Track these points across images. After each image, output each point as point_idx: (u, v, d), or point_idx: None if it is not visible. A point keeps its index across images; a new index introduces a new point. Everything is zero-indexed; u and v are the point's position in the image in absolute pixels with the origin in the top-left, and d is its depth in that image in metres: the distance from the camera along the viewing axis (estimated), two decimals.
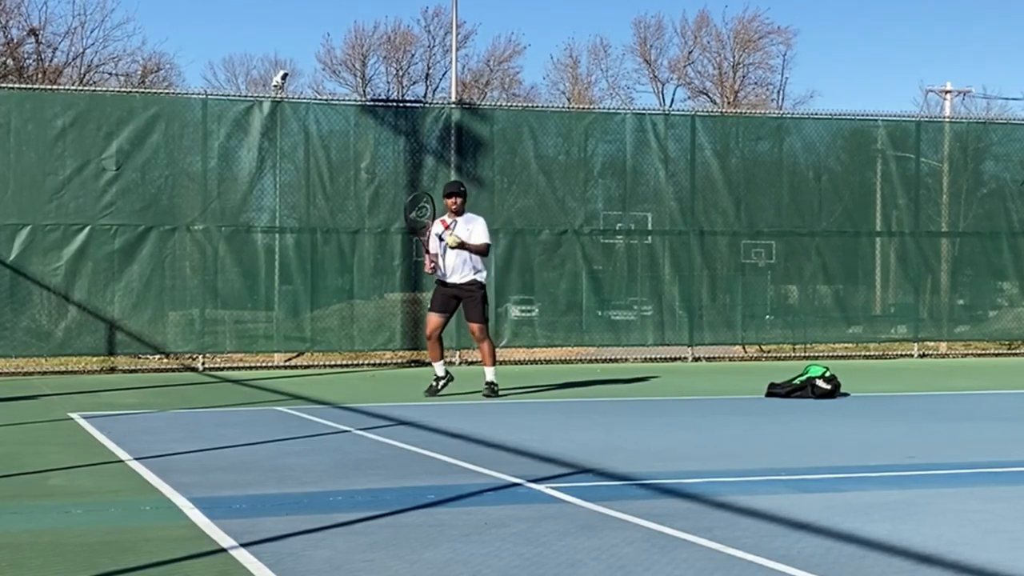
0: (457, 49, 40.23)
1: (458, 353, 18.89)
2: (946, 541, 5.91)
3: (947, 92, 45.11)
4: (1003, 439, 10.13)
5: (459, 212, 13.52)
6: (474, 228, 13.46)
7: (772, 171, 20.37)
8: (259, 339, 18.31)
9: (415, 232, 14.06)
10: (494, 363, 13.71)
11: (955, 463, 8.75)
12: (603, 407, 12.92)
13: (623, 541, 5.91)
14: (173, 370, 17.74)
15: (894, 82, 79.58)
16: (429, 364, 18.63)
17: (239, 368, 18.07)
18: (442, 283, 13.55)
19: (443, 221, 13.55)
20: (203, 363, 17.90)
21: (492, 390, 13.53)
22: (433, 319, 13.61)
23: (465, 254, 13.41)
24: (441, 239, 13.44)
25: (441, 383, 13.68)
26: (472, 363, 18.85)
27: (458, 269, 13.42)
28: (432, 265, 13.51)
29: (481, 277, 13.55)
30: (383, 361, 18.82)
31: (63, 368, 17.56)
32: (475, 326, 13.54)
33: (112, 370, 17.57)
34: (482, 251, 13.50)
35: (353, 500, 7.05)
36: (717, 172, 19.88)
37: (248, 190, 18.16)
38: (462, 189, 13.80)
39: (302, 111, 18.52)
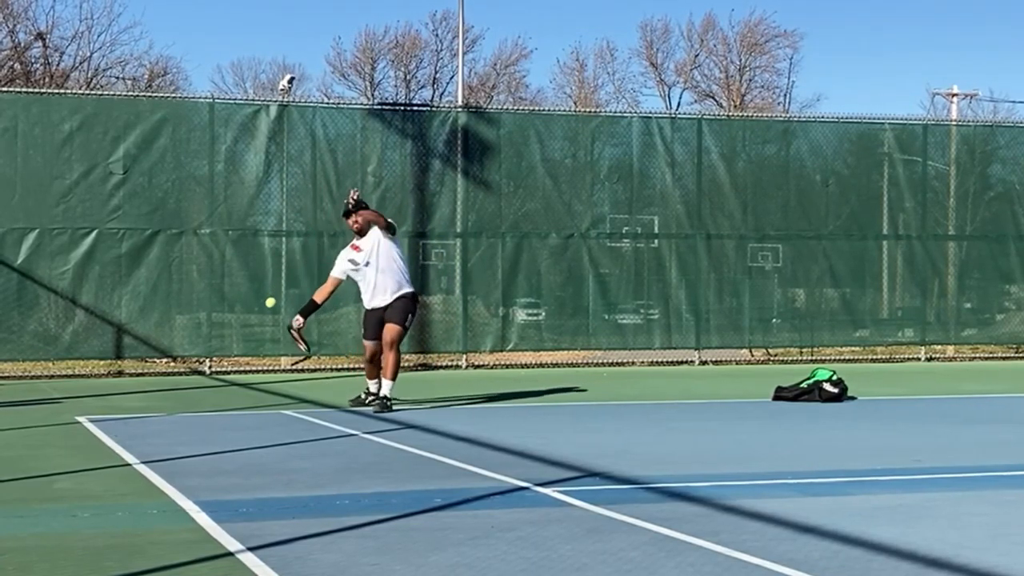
0: (464, 53, 40.23)
1: (464, 356, 18.90)
2: (953, 544, 5.90)
3: (954, 95, 45.02)
4: (1010, 442, 10.12)
5: (362, 232, 12.42)
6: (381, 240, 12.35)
7: (779, 174, 20.36)
8: (266, 343, 18.34)
9: None
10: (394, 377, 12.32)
11: (962, 466, 8.74)
12: (609, 410, 12.91)
13: (630, 545, 5.91)
14: (180, 373, 17.75)
15: (901, 85, 79.57)
16: (437, 368, 18.76)
17: (246, 371, 18.08)
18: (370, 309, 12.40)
19: (354, 246, 12.53)
20: (210, 366, 17.91)
21: (385, 405, 12.17)
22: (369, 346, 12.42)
23: (388, 274, 12.30)
24: (356, 263, 12.41)
25: (369, 398, 12.54)
26: (479, 367, 18.87)
27: (382, 291, 12.34)
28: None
29: (407, 291, 12.38)
30: None
31: (70, 372, 17.58)
32: (391, 327, 12.19)
33: (119, 374, 17.58)
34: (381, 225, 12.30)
35: (360, 504, 7.05)
36: (724, 175, 19.87)
37: (255, 194, 18.18)
38: (363, 205, 12.59)
39: (309, 115, 18.53)
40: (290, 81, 23.90)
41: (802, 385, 13.52)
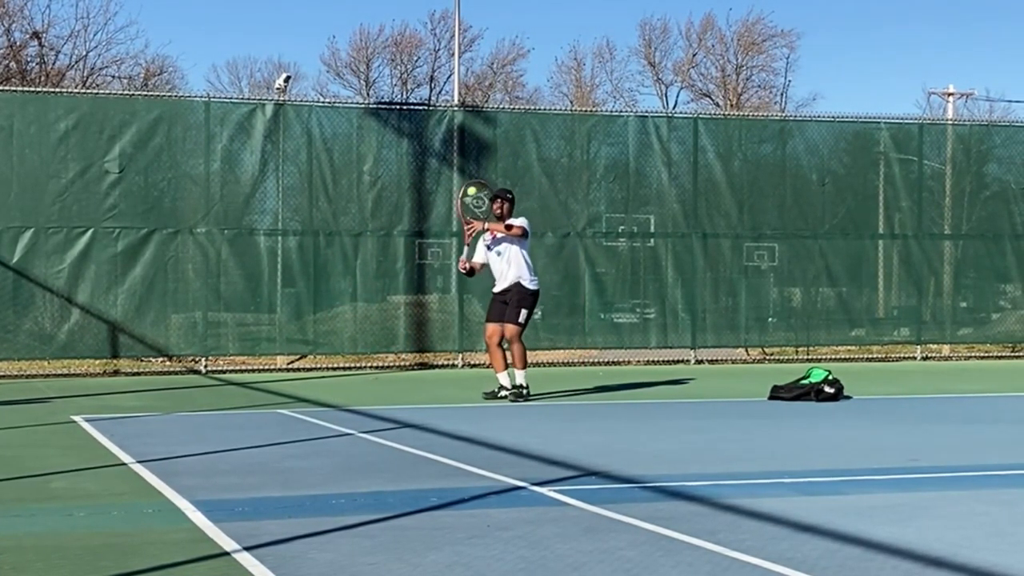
0: (462, 53, 40.24)
1: (460, 356, 18.89)
2: (950, 544, 5.90)
3: (950, 94, 45.03)
4: (1006, 441, 10.12)
5: (501, 219, 13.53)
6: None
7: (775, 174, 20.37)
8: (262, 342, 18.32)
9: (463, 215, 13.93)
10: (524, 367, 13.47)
11: (959, 466, 8.74)
12: (606, 410, 12.91)
13: (626, 544, 5.90)
14: (176, 373, 17.73)
15: (897, 85, 79.60)
16: (433, 367, 18.76)
17: (242, 371, 18.07)
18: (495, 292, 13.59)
19: (491, 230, 13.50)
20: (206, 366, 17.90)
21: (520, 394, 13.38)
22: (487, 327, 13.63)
23: (511, 265, 13.41)
24: (489, 248, 13.55)
25: (502, 391, 13.51)
26: (475, 366, 18.86)
27: (503, 279, 13.45)
28: (466, 265, 13.54)
29: (525, 282, 13.45)
30: (386, 364, 18.82)
31: (66, 371, 17.56)
32: (508, 327, 13.40)
33: (115, 373, 17.57)
34: (517, 234, 13.35)
35: (356, 503, 7.05)
36: (720, 175, 19.87)
37: (251, 193, 18.16)
38: (509, 196, 13.81)
39: (305, 114, 18.51)
40: (286, 80, 23.87)
41: (799, 384, 13.50)
